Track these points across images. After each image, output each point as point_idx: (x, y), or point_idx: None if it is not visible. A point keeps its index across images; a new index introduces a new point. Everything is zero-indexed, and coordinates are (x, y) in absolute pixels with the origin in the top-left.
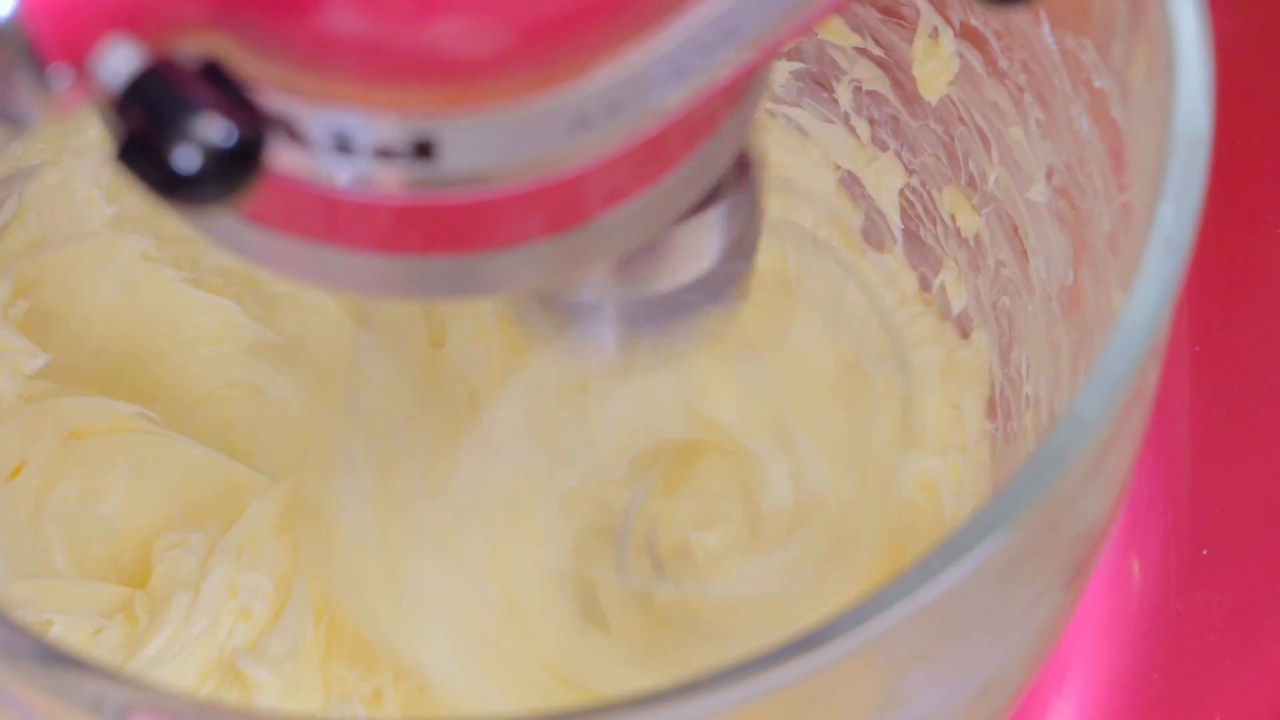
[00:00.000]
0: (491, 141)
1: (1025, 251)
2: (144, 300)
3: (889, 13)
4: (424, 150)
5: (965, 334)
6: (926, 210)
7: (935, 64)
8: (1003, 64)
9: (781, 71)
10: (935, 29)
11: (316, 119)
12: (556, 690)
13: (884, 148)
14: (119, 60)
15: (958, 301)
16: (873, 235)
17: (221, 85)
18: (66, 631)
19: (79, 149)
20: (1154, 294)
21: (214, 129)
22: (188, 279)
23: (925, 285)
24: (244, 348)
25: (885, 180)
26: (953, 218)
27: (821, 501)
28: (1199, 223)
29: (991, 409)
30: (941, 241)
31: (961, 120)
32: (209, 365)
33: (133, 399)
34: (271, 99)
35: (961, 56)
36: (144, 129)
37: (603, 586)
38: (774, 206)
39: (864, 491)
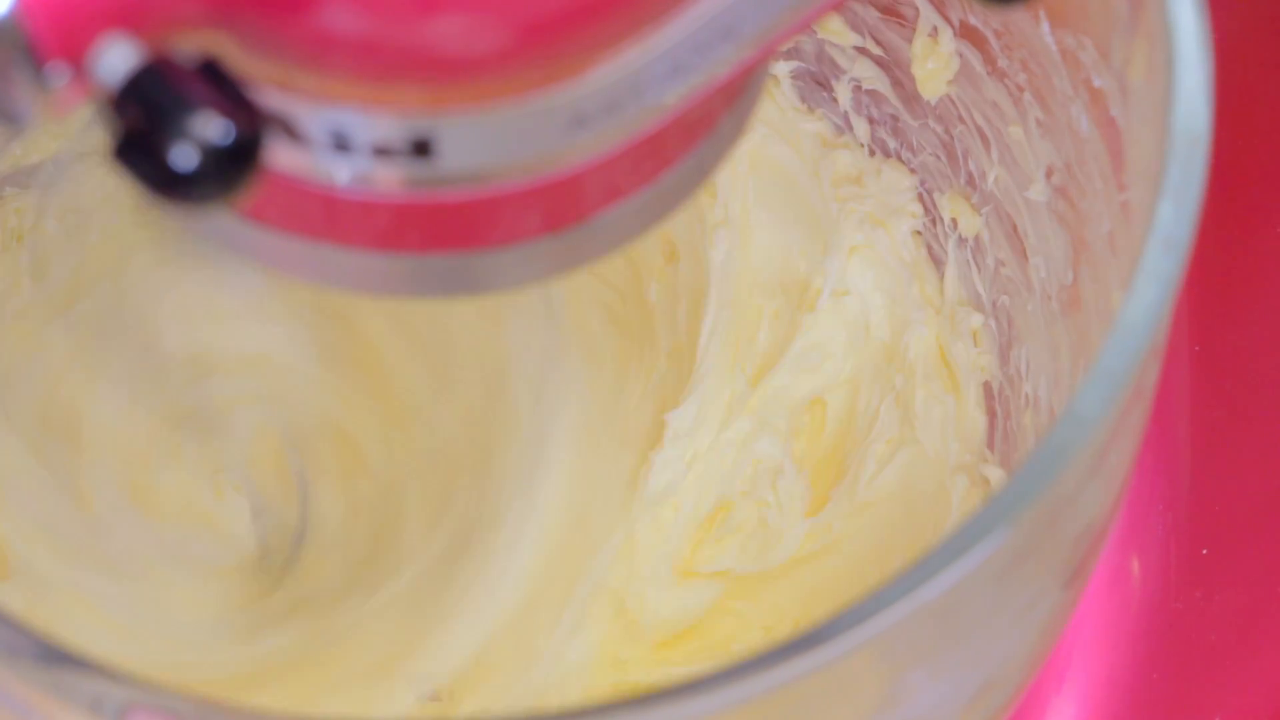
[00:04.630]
0: (490, 140)
1: (1025, 251)
2: None
3: (889, 12)
4: (422, 149)
5: (962, 332)
6: (926, 210)
7: (935, 63)
8: (1002, 63)
9: (781, 71)
10: (935, 28)
11: (315, 117)
12: None
13: (884, 147)
14: (116, 58)
15: (958, 299)
16: None
17: (219, 83)
18: None
19: None
20: (1154, 293)
21: (212, 127)
22: None
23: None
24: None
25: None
26: (953, 218)
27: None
28: (1199, 222)
29: (991, 408)
30: (941, 241)
31: (961, 119)
32: None
33: None
34: (270, 97)
35: (961, 56)
36: (142, 127)
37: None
38: None
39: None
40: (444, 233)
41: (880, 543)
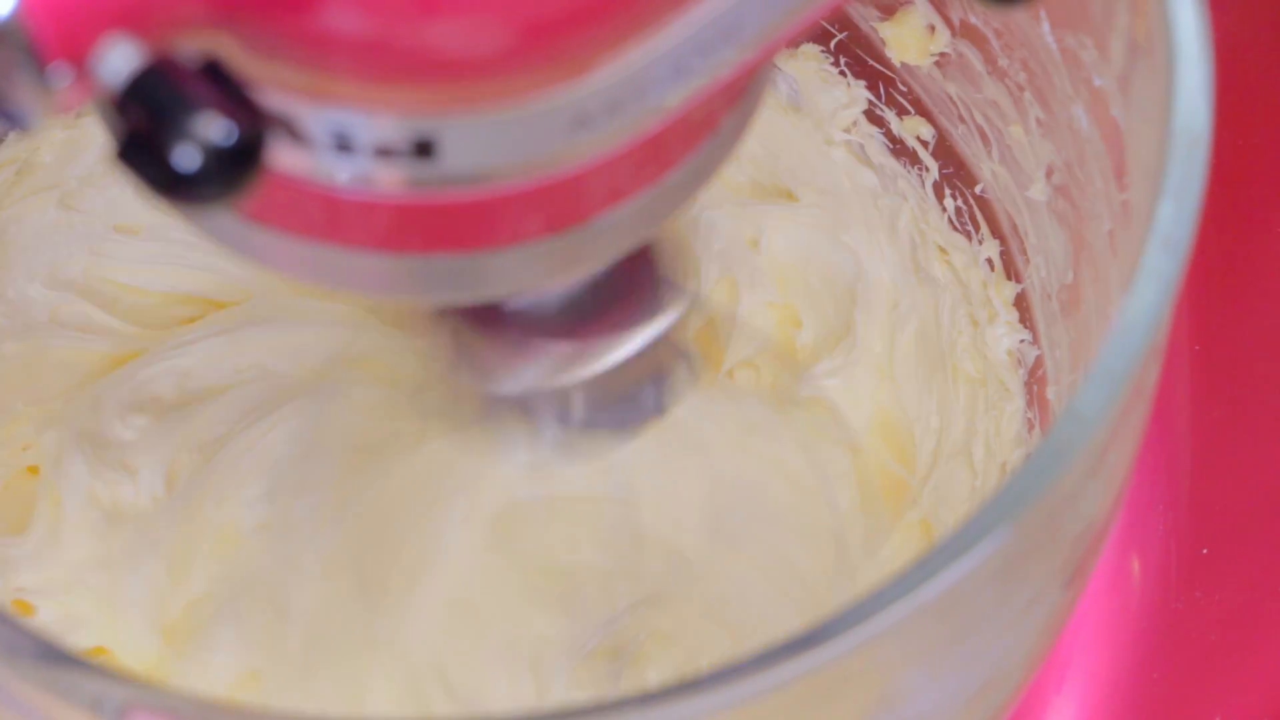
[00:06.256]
0: (492, 141)
1: (1025, 250)
2: None
3: (888, 10)
4: (424, 149)
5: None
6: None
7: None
8: (1002, 63)
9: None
10: (932, 26)
11: (317, 118)
12: None
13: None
14: (119, 59)
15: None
16: None
17: (222, 84)
18: None
19: None
20: (1154, 292)
21: (214, 128)
22: None
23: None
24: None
25: None
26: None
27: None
28: (1199, 221)
29: None
30: None
31: (961, 119)
32: None
33: None
34: (272, 98)
35: (961, 55)
36: (144, 128)
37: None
38: None
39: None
40: (446, 233)
41: None
